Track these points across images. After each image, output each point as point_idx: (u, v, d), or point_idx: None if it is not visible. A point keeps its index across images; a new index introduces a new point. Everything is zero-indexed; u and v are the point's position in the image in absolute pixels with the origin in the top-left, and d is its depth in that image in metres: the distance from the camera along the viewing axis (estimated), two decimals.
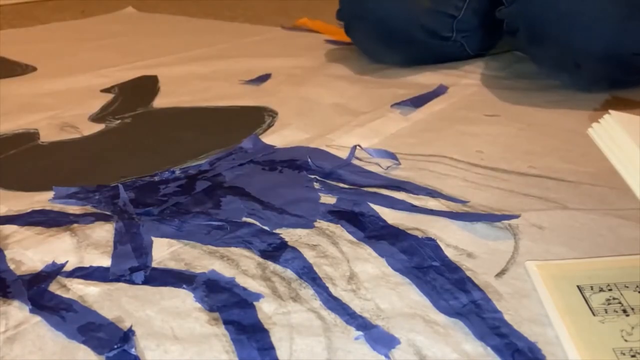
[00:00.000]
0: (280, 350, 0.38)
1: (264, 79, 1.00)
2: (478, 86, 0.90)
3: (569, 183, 0.58)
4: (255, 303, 0.43)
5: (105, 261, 0.49)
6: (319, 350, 0.38)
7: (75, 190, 0.61)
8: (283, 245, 0.49)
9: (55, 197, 0.60)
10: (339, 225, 0.52)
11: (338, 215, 0.54)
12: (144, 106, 0.89)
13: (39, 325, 0.42)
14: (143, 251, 0.49)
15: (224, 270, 0.47)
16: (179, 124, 0.82)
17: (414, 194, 0.57)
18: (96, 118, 0.85)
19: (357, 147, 0.67)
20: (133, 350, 0.39)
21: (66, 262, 0.49)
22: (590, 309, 0.39)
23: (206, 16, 1.67)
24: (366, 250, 0.48)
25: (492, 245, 0.48)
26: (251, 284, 0.45)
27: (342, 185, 0.60)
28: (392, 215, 0.53)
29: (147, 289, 0.45)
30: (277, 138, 0.73)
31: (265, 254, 0.48)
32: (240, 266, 0.47)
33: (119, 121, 0.83)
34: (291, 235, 0.51)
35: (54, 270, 0.47)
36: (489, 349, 0.37)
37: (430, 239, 0.49)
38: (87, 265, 0.48)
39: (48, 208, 0.58)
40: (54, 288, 0.46)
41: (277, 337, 0.39)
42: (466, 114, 0.78)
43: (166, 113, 0.87)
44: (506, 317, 0.40)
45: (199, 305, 0.43)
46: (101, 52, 1.26)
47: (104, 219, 0.55)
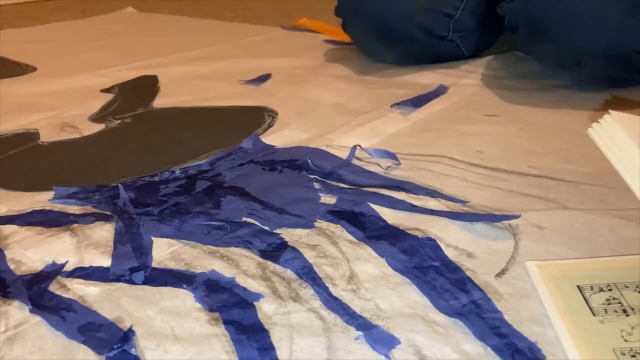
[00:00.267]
0: (280, 350, 0.38)
1: (264, 79, 1.00)
2: (478, 86, 0.89)
3: (569, 183, 0.58)
4: (255, 303, 0.43)
5: (105, 261, 0.49)
6: (319, 350, 0.38)
7: (75, 190, 0.61)
8: (283, 245, 0.49)
9: (55, 197, 0.60)
10: (339, 225, 0.52)
11: (338, 215, 0.54)
12: (144, 106, 0.89)
13: (39, 325, 0.42)
14: (143, 251, 0.49)
15: (224, 270, 0.47)
16: (179, 124, 0.82)
17: (414, 194, 0.57)
18: (96, 118, 0.85)
19: (357, 147, 0.67)
20: (133, 350, 0.39)
21: (66, 262, 0.49)
22: (590, 309, 0.39)
23: (206, 16, 1.67)
24: (366, 250, 0.48)
25: (492, 245, 0.48)
26: (251, 284, 0.45)
27: (342, 185, 0.60)
28: (392, 215, 0.53)
29: (147, 289, 0.45)
30: (277, 138, 0.73)
31: (265, 254, 0.48)
32: (240, 266, 0.47)
33: (119, 121, 0.83)
34: (291, 235, 0.51)
35: (54, 270, 0.48)
36: (489, 349, 0.37)
37: (430, 239, 0.49)
38: (87, 265, 0.48)
39: (48, 208, 0.58)
40: (54, 288, 0.46)
41: (277, 337, 0.39)
42: (466, 114, 0.78)
43: (166, 113, 0.87)
44: (506, 317, 0.40)
45: (199, 305, 0.43)
46: (101, 52, 1.26)
47: (104, 219, 0.55)
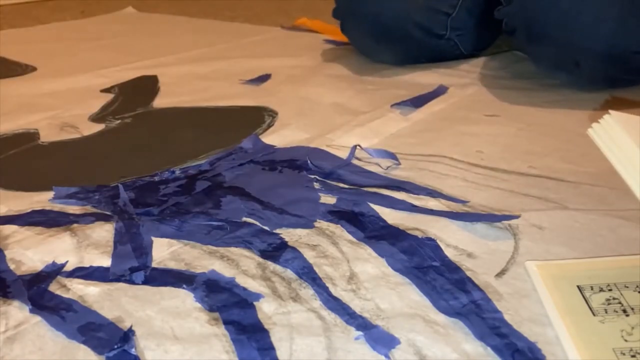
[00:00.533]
0: (280, 350, 0.38)
1: (264, 79, 1.00)
2: (478, 86, 0.89)
3: (569, 183, 0.58)
4: (255, 303, 0.43)
5: (105, 261, 0.49)
6: (319, 350, 0.38)
7: (75, 190, 0.61)
8: (283, 245, 0.49)
9: (55, 197, 0.60)
10: (339, 225, 0.52)
11: (338, 215, 0.54)
12: (144, 106, 0.89)
13: (39, 325, 0.42)
14: (143, 251, 0.49)
15: (224, 270, 0.47)
16: (179, 124, 0.82)
17: (414, 194, 0.57)
18: (96, 118, 0.85)
19: (357, 147, 0.67)
20: (133, 350, 0.39)
21: (66, 262, 0.49)
22: (590, 309, 0.39)
23: (206, 16, 1.67)
24: (366, 251, 0.48)
25: (492, 245, 0.48)
26: (251, 284, 0.45)
27: (342, 185, 0.60)
28: (392, 215, 0.53)
29: (147, 289, 0.45)
30: (277, 138, 0.73)
31: (265, 254, 0.48)
32: (240, 266, 0.47)
33: (119, 121, 0.83)
34: (291, 235, 0.51)
35: (54, 270, 0.47)
36: (489, 349, 0.37)
37: (430, 239, 0.49)
38: (87, 265, 0.48)
39: (48, 208, 0.58)
40: (54, 288, 0.46)
41: (277, 337, 0.39)
42: (466, 114, 0.78)
43: (166, 113, 0.87)
44: (506, 317, 0.40)
45: (199, 305, 0.43)
46: (101, 52, 1.26)
47: (104, 219, 0.55)
